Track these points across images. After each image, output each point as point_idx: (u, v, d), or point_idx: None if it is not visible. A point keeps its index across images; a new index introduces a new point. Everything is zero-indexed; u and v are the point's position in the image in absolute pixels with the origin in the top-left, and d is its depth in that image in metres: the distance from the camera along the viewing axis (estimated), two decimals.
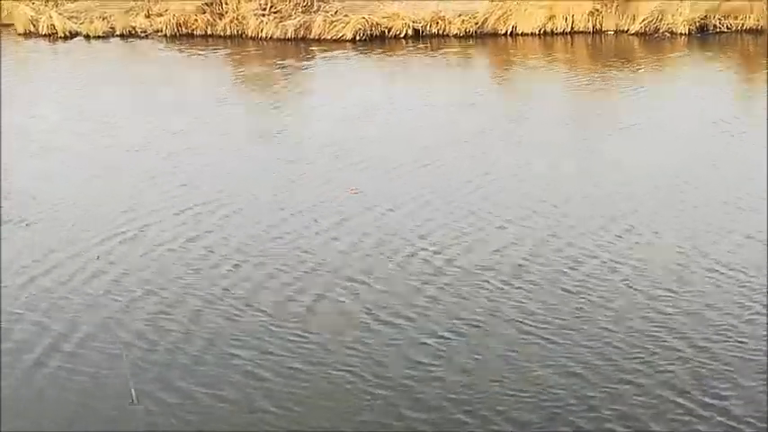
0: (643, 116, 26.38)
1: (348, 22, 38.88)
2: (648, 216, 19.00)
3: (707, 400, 12.84)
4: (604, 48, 36.58)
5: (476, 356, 14.01)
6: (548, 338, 14.42)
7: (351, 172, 22.28)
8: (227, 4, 40.10)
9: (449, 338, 14.52)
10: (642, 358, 13.81)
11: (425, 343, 14.41)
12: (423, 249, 17.78)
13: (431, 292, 16.02)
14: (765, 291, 15.66)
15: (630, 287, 16.00)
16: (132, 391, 9.97)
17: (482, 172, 21.97)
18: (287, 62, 35.00)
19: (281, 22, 39.31)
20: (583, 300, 15.59)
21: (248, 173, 22.47)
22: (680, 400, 12.81)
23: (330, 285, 16.38)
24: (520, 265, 16.92)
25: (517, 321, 14.97)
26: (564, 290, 15.95)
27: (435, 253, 17.58)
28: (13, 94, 30.65)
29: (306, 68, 34.35)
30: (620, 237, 18.04)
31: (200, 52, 36.97)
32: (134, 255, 17.95)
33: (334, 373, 13.71)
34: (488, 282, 16.31)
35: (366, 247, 17.98)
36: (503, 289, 16.05)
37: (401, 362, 13.92)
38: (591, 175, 21.65)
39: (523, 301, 15.62)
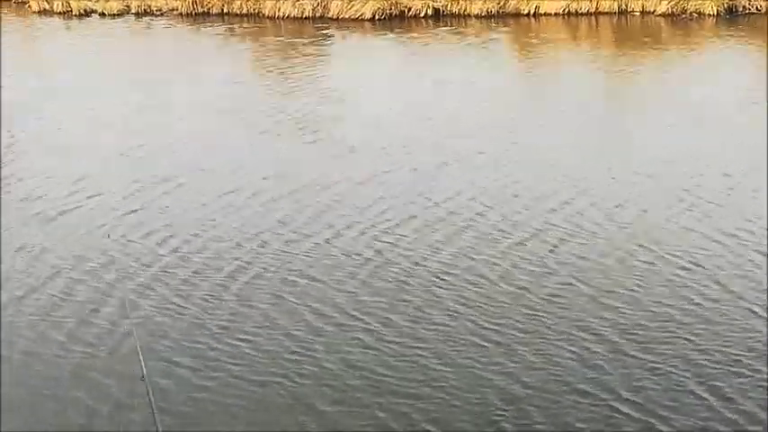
0: (659, 101, 25.25)
1: (367, 2, 37.86)
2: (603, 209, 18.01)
3: (632, 397, 11.98)
4: (629, 29, 35.18)
5: (406, 358, 13.07)
6: (485, 336, 13.47)
7: (306, 152, 21.63)
8: None
9: (380, 337, 13.61)
10: (584, 359, 12.84)
11: (351, 347, 13.47)
12: (356, 238, 16.92)
13: (360, 288, 15.06)
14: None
15: (578, 281, 15.04)
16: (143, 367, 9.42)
17: (449, 157, 21.01)
18: (300, 41, 34.06)
19: (298, 0, 38.40)
20: (531, 296, 14.61)
21: (207, 153, 21.75)
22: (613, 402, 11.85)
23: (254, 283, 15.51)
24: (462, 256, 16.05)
25: (456, 318, 14.02)
26: (505, 283, 14.98)
27: (367, 246, 16.61)
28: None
29: (316, 48, 33.38)
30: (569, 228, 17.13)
31: (214, 31, 36.19)
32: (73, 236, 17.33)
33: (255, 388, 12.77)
34: (424, 274, 15.43)
35: (294, 235, 17.13)
36: (438, 284, 15.14)
37: (323, 370, 12.99)
38: (564, 163, 20.61)
39: (460, 296, 14.68)
